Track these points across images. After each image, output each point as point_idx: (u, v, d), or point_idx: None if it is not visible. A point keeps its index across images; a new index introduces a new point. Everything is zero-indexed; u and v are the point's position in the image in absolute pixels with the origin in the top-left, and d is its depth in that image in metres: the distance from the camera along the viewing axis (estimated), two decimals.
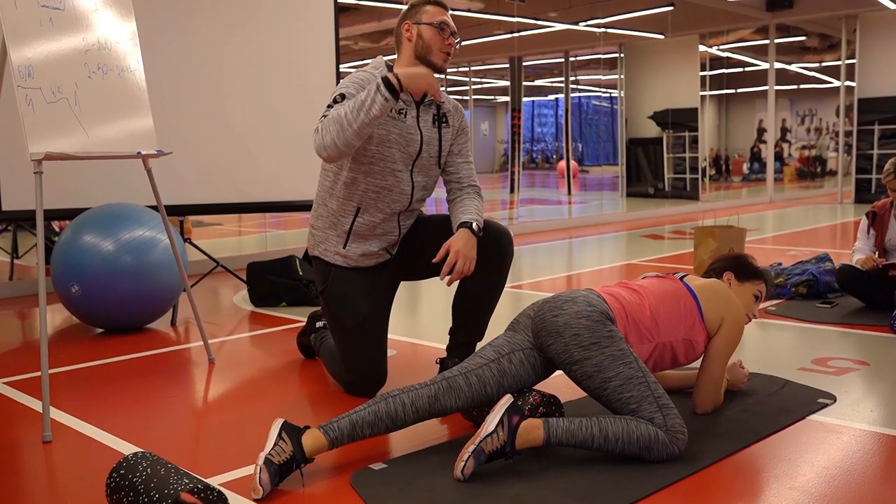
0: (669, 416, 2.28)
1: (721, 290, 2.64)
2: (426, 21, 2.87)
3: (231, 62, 5.15)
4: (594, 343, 2.34)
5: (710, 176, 18.06)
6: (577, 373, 2.37)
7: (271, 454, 2.14)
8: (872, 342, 3.76)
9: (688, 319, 2.54)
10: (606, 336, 2.35)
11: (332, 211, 2.94)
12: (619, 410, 2.32)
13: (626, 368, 2.32)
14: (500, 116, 23.26)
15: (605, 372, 2.31)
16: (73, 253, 3.98)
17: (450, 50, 2.90)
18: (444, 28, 2.87)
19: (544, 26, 12.91)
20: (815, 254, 5.50)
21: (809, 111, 22.09)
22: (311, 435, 2.22)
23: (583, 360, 2.34)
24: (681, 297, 2.56)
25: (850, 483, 2.17)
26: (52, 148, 2.85)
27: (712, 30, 14.27)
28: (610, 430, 2.23)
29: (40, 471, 2.40)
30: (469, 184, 3.03)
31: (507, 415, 2.19)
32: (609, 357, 2.32)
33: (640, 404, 2.28)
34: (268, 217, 10.15)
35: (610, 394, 2.31)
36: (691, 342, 2.55)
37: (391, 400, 2.33)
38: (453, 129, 3.00)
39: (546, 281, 5.67)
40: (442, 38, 2.87)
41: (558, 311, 2.41)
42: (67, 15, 3.07)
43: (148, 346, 3.90)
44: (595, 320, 2.36)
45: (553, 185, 19.36)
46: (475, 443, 2.16)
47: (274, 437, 2.18)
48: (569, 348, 2.36)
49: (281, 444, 2.17)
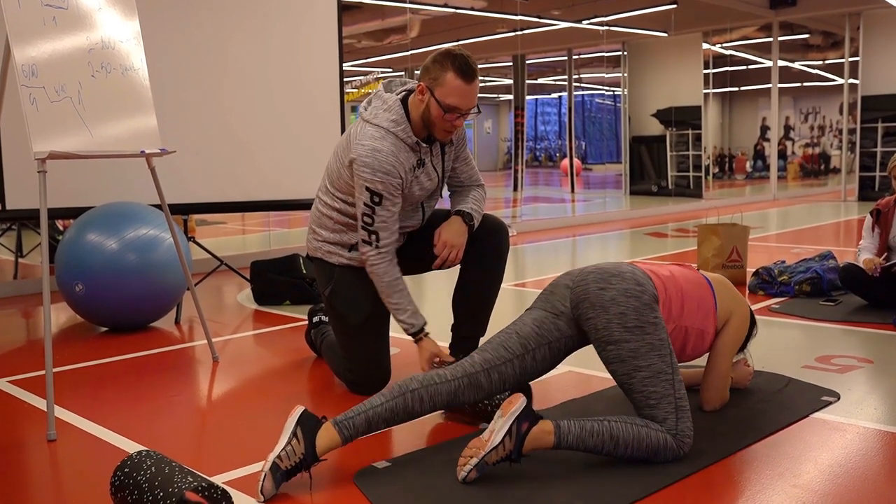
0: (682, 420, 2.27)
1: (730, 285, 2.66)
2: (438, 97, 2.68)
3: (234, 61, 5.15)
4: (638, 327, 2.29)
5: (713, 174, 18.04)
6: (611, 353, 2.31)
7: (280, 458, 2.11)
8: (876, 340, 3.75)
9: (705, 309, 2.53)
10: (651, 322, 2.30)
11: (336, 226, 2.95)
12: (638, 402, 2.29)
13: (660, 361, 2.28)
14: (503, 115, 23.25)
15: (638, 360, 2.27)
16: (77, 252, 3.99)
17: (454, 129, 2.78)
18: (452, 111, 2.70)
19: (547, 24, 12.89)
20: (818, 252, 5.49)
21: (813, 109, 22.03)
22: (325, 433, 2.19)
23: (620, 342, 2.29)
24: (702, 286, 2.56)
25: (854, 481, 2.17)
26: (55, 147, 2.86)
27: (716, 27, 14.24)
28: (621, 438, 2.20)
29: (45, 469, 2.41)
30: (470, 184, 3.03)
31: (516, 423, 2.12)
32: (647, 345, 2.28)
33: (660, 402, 2.26)
34: (271, 216, 10.14)
35: (635, 383, 2.28)
36: (703, 333, 2.53)
37: (409, 395, 2.30)
38: (455, 146, 2.99)
39: (549, 279, 5.64)
40: (447, 121, 2.72)
41: (605, 285, 2.34)
42: (71, 14, 3.08)
43: (152, 344, 3.91)
44: (644, 303, 2.31)
45: (556, 184, 19.34)
46: (479, 455, 2.11)
47: (288, 434, 2.15)
48: (610, 326, 2.30)
49: (294, 443, 2.14)
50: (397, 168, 2.73)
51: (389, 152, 2.72)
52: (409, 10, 10.44)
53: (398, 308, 2.82)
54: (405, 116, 2.77)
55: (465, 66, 2.67)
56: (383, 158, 2.71)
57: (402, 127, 2.75)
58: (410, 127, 2.77)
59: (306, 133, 5.30)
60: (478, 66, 2.71)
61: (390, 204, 2.76)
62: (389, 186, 2.73)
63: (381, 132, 2.74)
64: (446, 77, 2.67)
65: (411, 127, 2.77)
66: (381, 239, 2.78)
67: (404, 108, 2.78)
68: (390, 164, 2.72)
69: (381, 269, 2.80)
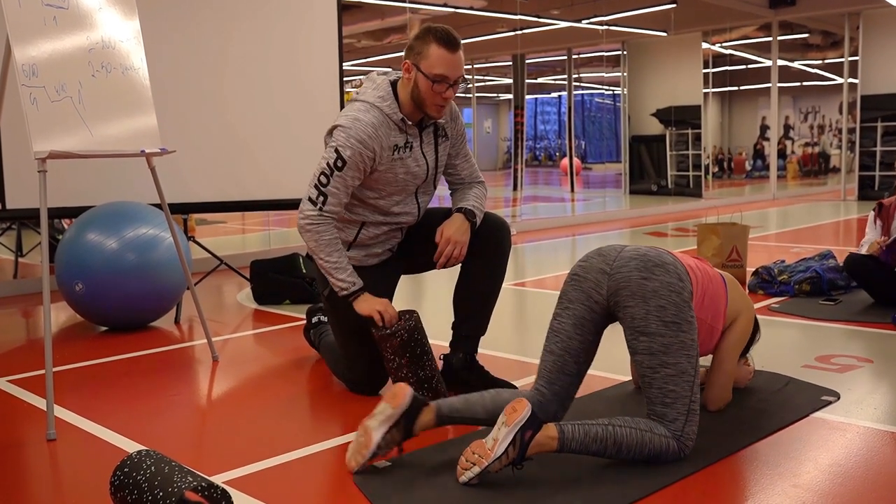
0: (690, 423, 2.26)
1: (739, 285, 2.66)
2: (424, 70, 2.69)
3: (234, 60, 5.15)
4: (675, 323, 2.26)
5: (713, 173, 18.04)
6: (643, 344, 2.28)
7: (379, 446, 2.22)
8: (876, 339, 3.75)
9: (717, 305, 2.53)
10: (688, 320, 2.28)
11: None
12: (653, 397, 2.28)
13: (686, 361, 2.26)
14: (503, 114, 23.26)
15: (668, 356, 2.25)
16: (77, 251, 3.99)
17: (445, 103, 2.77)
18: (440, 82, 2.70)
19: (547, 24, 12.88)
20: (818, 251, 5.49)
21: (812, 108, 22.04)
22: (425, 417, 2.31)
23: (655, 336, 2.26)
24: (716, 282, 2.55)
25: (854, 480, 2.17)
26: (55, 146, 2.86)
27: (715, 27, 14.24)
28: (624, 444, 2.19)
29: (44, 469, 2.41)
30: (471, 181, 3.03)
31: (520, 432, 2.10)
32: (679, 343, 2.26)
33: (676, 402, 2.25)
34: (271, 215, 10.14)
35: (658, 378, 2.26)
36: (712, 329, 2.53)
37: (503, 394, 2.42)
38: (451, 139, 2.99)
39: (550, 279, 5.66)
40: (437, 93, 2.71)
41: (648, 275, 2.29)
42: (71, 13, 3.08)
43: (152, 344, 3.91)
44: (685, 299, 2.29)
45: (556, 183, 19.34)
46: (482, 465, 2.09)
47: (390, 423, 2.24)
48: (649, 318, 2.26)
49: (393, 432, 2.24)
50: (373, 141, 2.72)
51: (369, 123, 2.73)
52: (409, 9, 10.44)
53: (337, 266, 2.75)
54: (392, 95, 2.79)
55: (448, 36, 2.71)
56: (361, 127, 2.71)
57: (388, 103, 2.77)
58: (398, 105, 2.78)
59: (306, 133, 5.29)
60: (460, 39, 2.74)
61: (349, 176, 2.73)
62: (358, 156, 2.71)
63: (366, 106, 2.77)
64: (430, 49, 2.69)
65: (399, 106, 2.78)
66: (327, 203, 2.74)
67: (394, 91, 2.81)
68: (366, 135, 2.71)
69: (320, 228, 2.74)
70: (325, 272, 2.77)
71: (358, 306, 2.75)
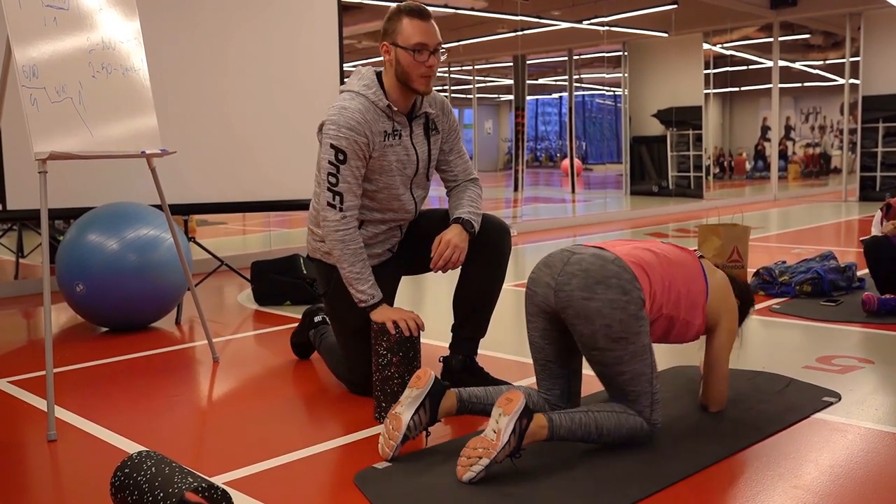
0: (655, 411, 2.38)
1: (725, 284, 2.65)
2: (402, 44, 2.71)
3: (235, 61, 5.15)
4: (622, 338, 2.30)
5: (714, 174, 18.04)
6: (595, 357, 2.37)
7: (409, 428, 2.29)
8: (877, 340, 3.75)
9: (692, 300, 2.51)
10: (635, 333, 2.31)
11: None
12: (616, 396, 2.40)
13: (641, 365, 2.34)
14: (503, 115, 23.26)
15: (621, 366, 2.33)
16: (77, 252, 3.99)
17: (430, 73, 2.76)
18: (420, 51, 2.72)
19: (548, 24, 12.89)
20: (819, 252, 5.49)
21: (813, 109, 22.04)
22: (447, 400, 2.37)
23: (605, 350, 2.32)
24: (694, 279, 2.53)
25: (855, 481, 2.17)
26: (56, 147, 2.86)
27: (716, 28, 14.24)
28: (604, 428, 2.31)
29: (45, 469, 2.41)
30: (465, 179, 3.03)
31: (518, 422, 2.15)
32: (630, 354, 2.32)
33: (639, 398, 2.36)
34: (272, 216, 10.15)
35: (615, 383, 2.38)
36: (688, 323, 2.51)
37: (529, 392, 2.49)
38: (442, 133, 2.99)
39: None
40: (419, 63, 2.72)
41: (590, 294, 2.29)
42: (71, 14, 3.08)
43: (152, 345, 3.91)
44: (630, 314, 2.30)
45: (557, 184, 19.33)
46: (490, 456, 2.11)
47: (417, 404, 2.31)
48: (596, 336, 2.31)
49: (421, 413, 2.31)
50: (363, 126, 2.72)
51: (356, 110, 2.73)
52: None
53: (360, 277, 2.75)
54: (378, 83, 2.80)
55: (417, 8, 2.75)
56: (349, 115, 2.71)
57: (373, 90, 2.78)
58: (384, 93, 2.78)
59: (307, 133, 5.26)
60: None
61: (354, 165, 2.73)
62: (354, 144, 2.71)
63: (351, 94, 2.78)
64: (402, 24, 2.73)
65: (385, 94, 2.79)
66: (345, 201, 2.73)
67: (379, 81, 2.82)
68: (356, 121, 2.71)
69: (347, 237, 2.74)
70: (348, 282, 2.78)
71: (374, 315, 2.76)
